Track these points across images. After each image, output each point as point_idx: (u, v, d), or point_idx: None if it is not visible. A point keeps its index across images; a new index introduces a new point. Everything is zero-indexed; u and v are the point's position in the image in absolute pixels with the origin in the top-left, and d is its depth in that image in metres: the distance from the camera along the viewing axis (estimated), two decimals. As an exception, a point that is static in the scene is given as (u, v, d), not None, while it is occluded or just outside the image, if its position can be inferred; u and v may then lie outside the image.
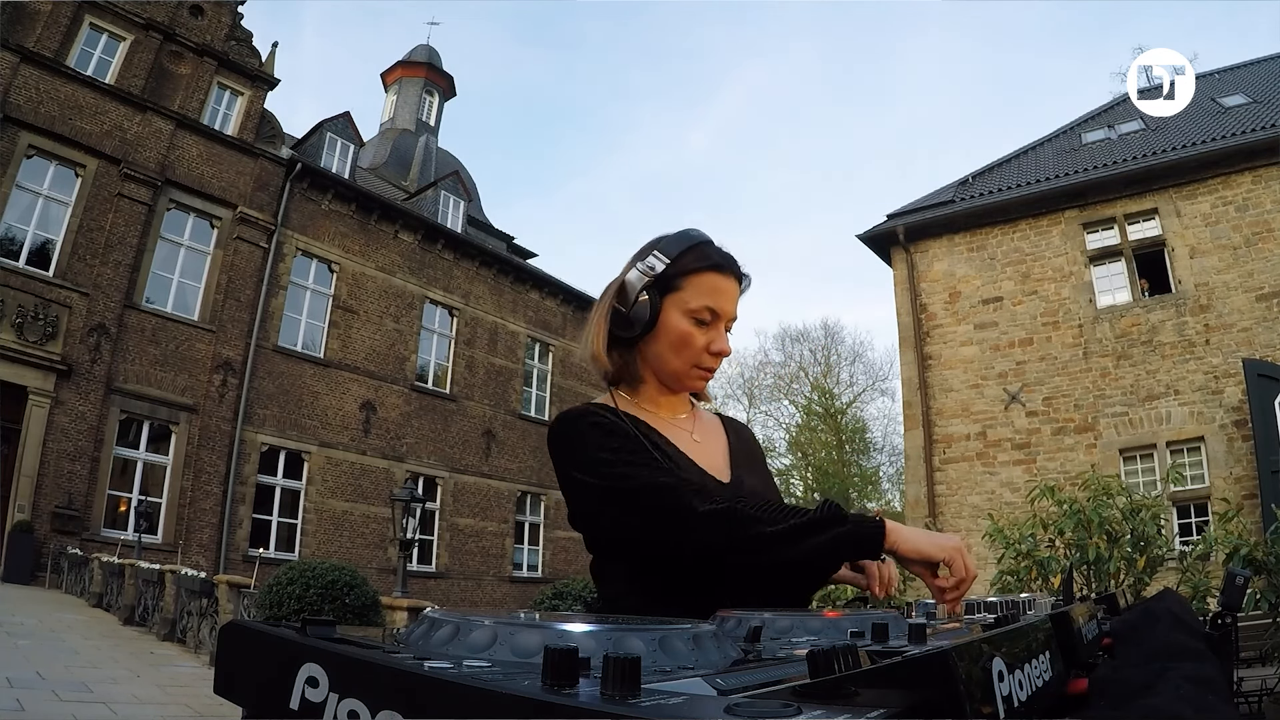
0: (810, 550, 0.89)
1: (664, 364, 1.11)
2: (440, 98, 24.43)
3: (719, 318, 1.09)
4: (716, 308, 1.08)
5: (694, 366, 1.10)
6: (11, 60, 12.08)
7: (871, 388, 29.58)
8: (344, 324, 15.94)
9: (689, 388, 1.15)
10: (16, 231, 12.17)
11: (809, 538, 0.89)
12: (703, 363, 1.10)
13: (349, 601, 5.89)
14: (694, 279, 1.08)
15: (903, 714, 0.38)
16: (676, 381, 1.13)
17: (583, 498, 1.01)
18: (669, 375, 1.12)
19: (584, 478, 0.99)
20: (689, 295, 1.08)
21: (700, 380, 1.13)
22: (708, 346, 1.09)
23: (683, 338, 1.08)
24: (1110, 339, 10.39)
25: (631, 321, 1.08)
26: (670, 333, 1.08)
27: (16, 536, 10.95)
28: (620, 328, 1.10)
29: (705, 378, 1.13)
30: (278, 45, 15.70)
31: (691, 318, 1.08)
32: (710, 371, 1.13)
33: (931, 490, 10.93)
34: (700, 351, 1.09)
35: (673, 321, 1.08)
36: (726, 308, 1.09)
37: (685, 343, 1.08)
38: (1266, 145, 9.75)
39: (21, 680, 4.81)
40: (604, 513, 0.99)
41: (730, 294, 1.10)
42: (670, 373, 1.11)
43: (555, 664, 0.36)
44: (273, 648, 0.46)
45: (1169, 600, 1.01)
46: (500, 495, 18.28)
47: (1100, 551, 4.65)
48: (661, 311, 1.07)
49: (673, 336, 1.08)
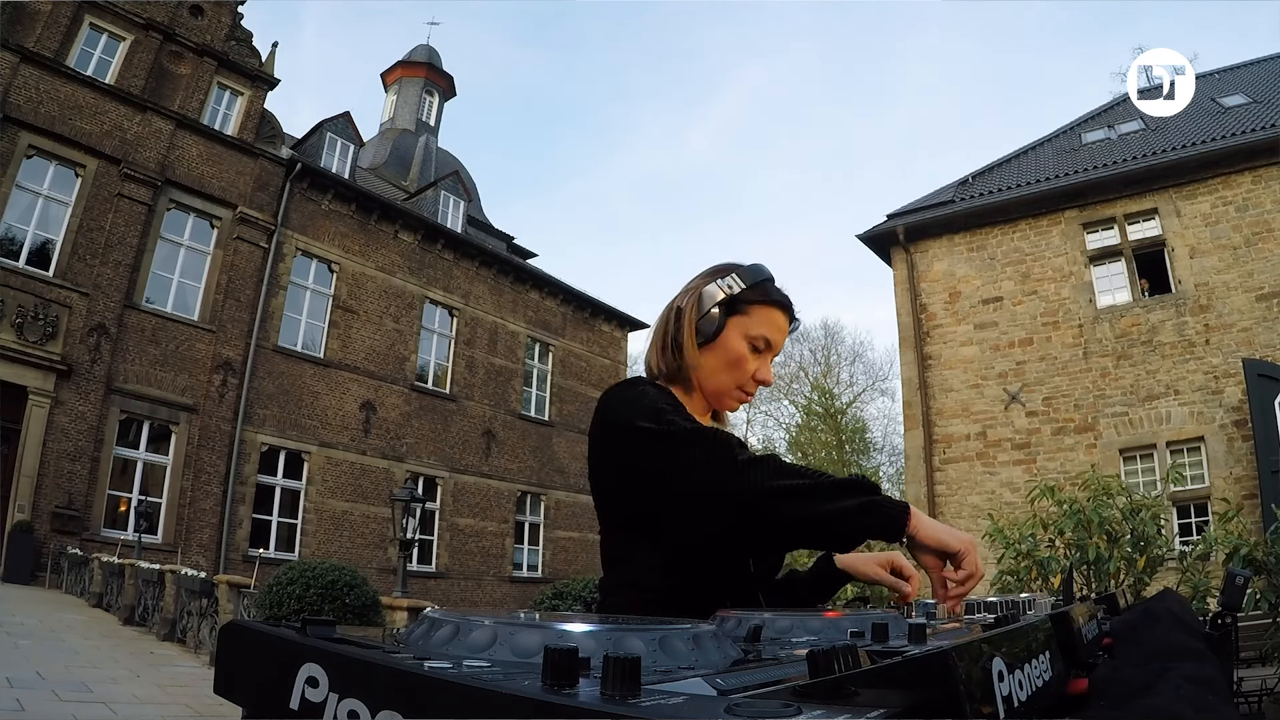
0: (840, 511, 0.90)
1: (714, 379, 1.18)
2: (440, 98, 24.43)
3: (769, 350, 1.19)
4: (772, 340, 1.18)
5: (737, 388, 1.19)
6: (11, 60, 12.08)
7: (871, 388, 29.61)
8: (344, 324, 15.94)
9: (726, 407, 1.23)
10: (16, 231, 12.17)
11: (842, 497, 0.91)
12: (746, 386, 1.19)
13: (349, 601, 5.89)
14: (760, 309, 1.17)
15: (903, 714, 0.38)
16: (718, 398, 1.20)
17: (637, 442, 1.03)
18: (714, 390, 1.19)
19: (647, 424, 1.03)
20: (752, 322, 1.17)
21: (738, 403, 1.22)
22: (754, 373, 1.18)
23: (738, 358, 1.16)
24: (1110, 339, 10.39)
25: (699, 329, 1.16)
26: (729, 351, 1.16)
27: (16, 536, 10.96)
28: (683, 334, 1.18)
29: (744, 400, 1.22)
30: (278, 45, 15.72)
31: (749, 343, 1.17)
32: (749, 397, 1.21)
33: (931, 490, 10.93)
34: (747, 376, 1.18)
35: (733, 341, 1.16)
36: (779, 342, 1.19)
37: (738, 364, 1.17)
38: (1266, 145, 9.75)
39: (21, 680, 4.81)
40: (654, 455, 1.01)
41: (784, 332, 1.20)
42: (716, 388, 1.19)
43: (555, 664, 0.36)
44: (273, 648, 0.46)
45: (1169, 600, 1.02)
46: (500, 495, 18.28)
47: (1100, 551, 4.65)
48: (725, 329, 1.16)
49: (730, 355, 1.16)
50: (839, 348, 30.01)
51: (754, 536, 0.96)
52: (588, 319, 21.46)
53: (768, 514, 0.92)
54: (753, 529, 0.95)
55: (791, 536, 0.98)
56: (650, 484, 1.01)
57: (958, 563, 0.93)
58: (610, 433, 1.09)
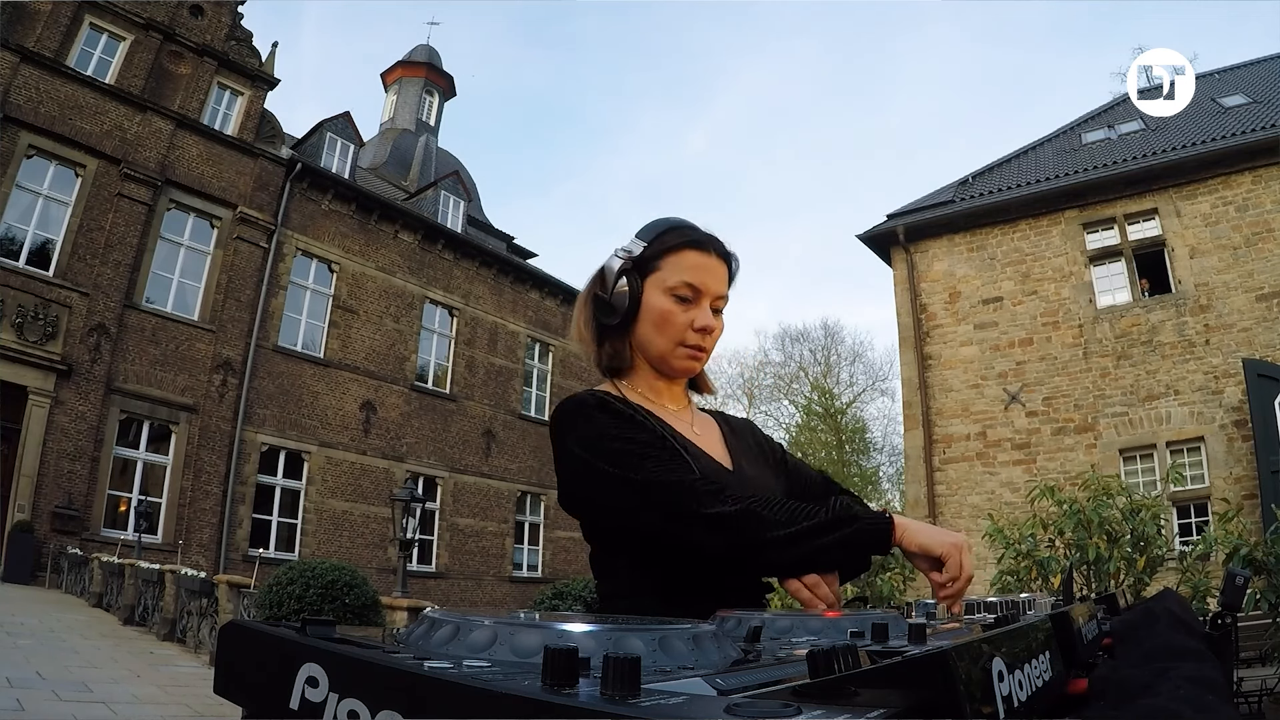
0: (817, 550, 0.90)
1: (650, 345, 1.09)
2: (440, 98, 24.44)
3: (701, 295, 1.07)
4: (697, 283, 1.06)
5: (679, 345, 1.08)
6: (11, 60, 12.08)
7: (871, 388, 29.59)
8: (344, 324, 15.94)
9: (679, 369, 1.11)
10: (16, 231, 12.17)
11: (817, 539, 0.89)
12: (688, 340, 1.08)
13: (349, 601, 5.89)
14: (672, 257, 1.07)
15: (902, 714, 0.38)
16: (664, 363, 1.10)
17: (587, 480, 0.99)
18: (655, 357, 1.10)
19: (593, 460, 0.97)
20: (667, 274, 1.06)
21: (689, 360, 1.10)
22: (691, 324, 1.07)
23: (663, 315, 1.06)
24: (1110, 339, 10.39)
25: (613, 306, 1.07)
26: (651, 312, 1.07)
27: (16, 536, 10.95)
28: (605, 315, 1.08)
29: (695, 357, 1.10)
30: (278, 45, 15.73)
31: (671, 295, 1.06)
32: (698, 350, 1.09)
33: (931, 490, 10.93)
34: (683, 329, 1.07)
35: (653, 301, 1.07)
36: (708, 283, 1.07)
37: (666, 320, 1.06)
38: (1266, 145, 9.75)
39: (21, 680, 4.81)
40: (607, 501, 0.98)
41: (712, 270, 1.08)
42: (656, 354, 1.09)
43: (555, 664, 0.36)
44: (273, 648, 0.46)
45: (1169, 600, 1.01)
46: (500, 495, 18.28)
47: (1100, 551, 4.66)
48: (643, 293, 1.07)
49: (654, 315, 1.07)
50: (839, 348, 30.02)
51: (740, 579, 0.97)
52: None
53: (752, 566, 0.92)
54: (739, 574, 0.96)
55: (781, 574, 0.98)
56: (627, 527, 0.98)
57: (947, 564, 0.93)
58: (558, 453, 1.03)
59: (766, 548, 0.89)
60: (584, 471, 0.99)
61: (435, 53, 24.50)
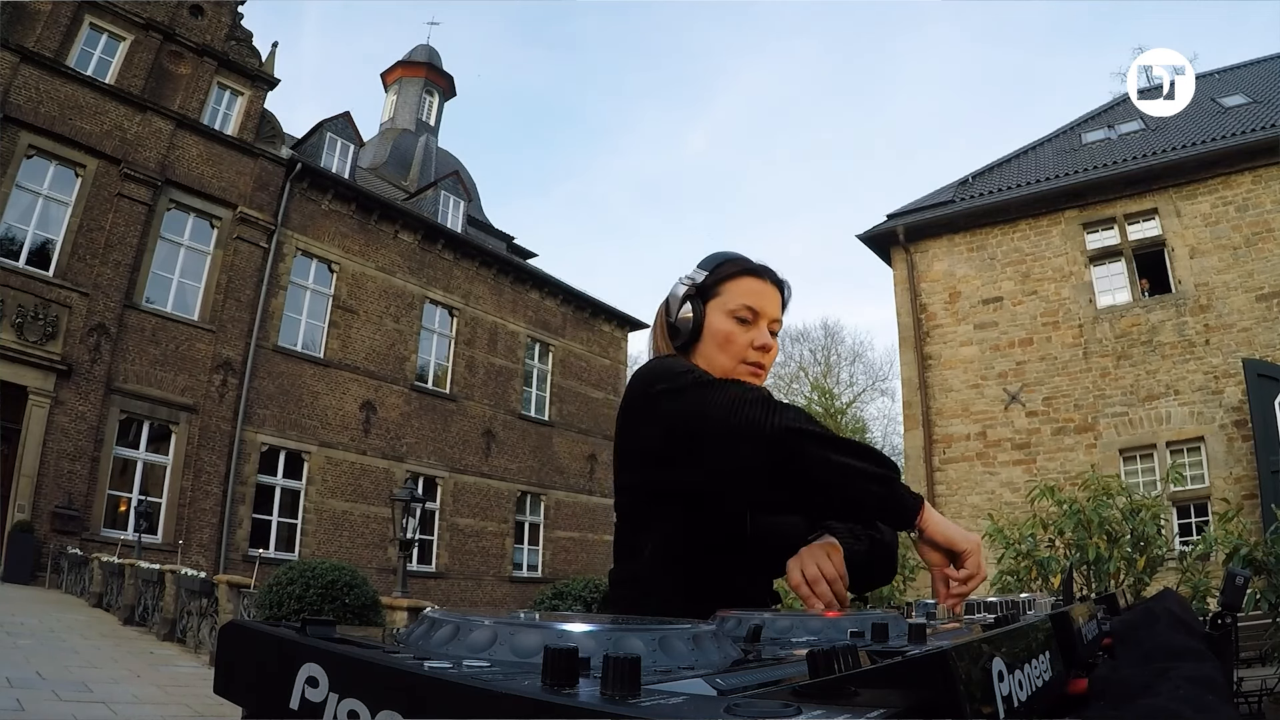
0: (860, 470, 0.89)
1: (714, 364, 1.16)
2: (440, 98, 24.44)
3: (759, 316, 1.17)
4: (755, 307, 1.16)
5: (741, 363, 1.16)
6: (11, 60, 12.08)
7: (871, 388, 29.63)
8: (344, 324, 15.94)
9: None
10: (16, 231, 12.17)
11: (866, 460, 0.90)
12: (749, 358, 1.16)
13: (349, 601, 5.89)
14: (731, 284, 1.17)
15: (903, 714, 0.38)
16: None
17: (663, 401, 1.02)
18: (719, 374, 1.15)
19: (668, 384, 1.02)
20: (728, 298, 1.16)
21: (750, 376, 1.17)
22: (751, 343, 1.16)
23: (726, 336, 1.15)
24: (1110, 339, 10.39)
25: (678, 329, 1.16)
26: (715, 334, 1.16)
27: (16, 536, 10.95)
28: (672, 337, 1.18)
29: (755, 374, 1.18)
30: (278, 45, 15.72)
31: (733, 318, 1.16)
32: (759, 368, 1.18)
33: (931, 490, 10.92)
34: (745, 348, 1.16)
35: (716, 323, 1.16)
36: (765, 307, 1.17)
37: (729, 340, 1.16)
38: (1266, 145, 9.75)
39: (21, 680, 4.81)
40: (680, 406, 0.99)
41: (767, 295, 1.18)
42: (720, 371, 1.15)
43: (555, 664, 0.36)
44: (273, 648, 0.46)
45: (1169, 600, 1.01)
46: (500, 495, 18.28)
47: (1100, 551, 4.66)
48: (705, 316, 1.16)
49: (718, 337, 1.16)
50: (839, 348, 30.06)
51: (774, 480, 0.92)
52: (588, 319, 21.46)
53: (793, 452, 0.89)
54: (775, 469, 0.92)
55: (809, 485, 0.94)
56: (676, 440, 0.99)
57: (961, 562, 0.92)
58: (635, 406, 1.08)
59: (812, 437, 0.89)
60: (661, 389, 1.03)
61: (435, 53, 24.50)
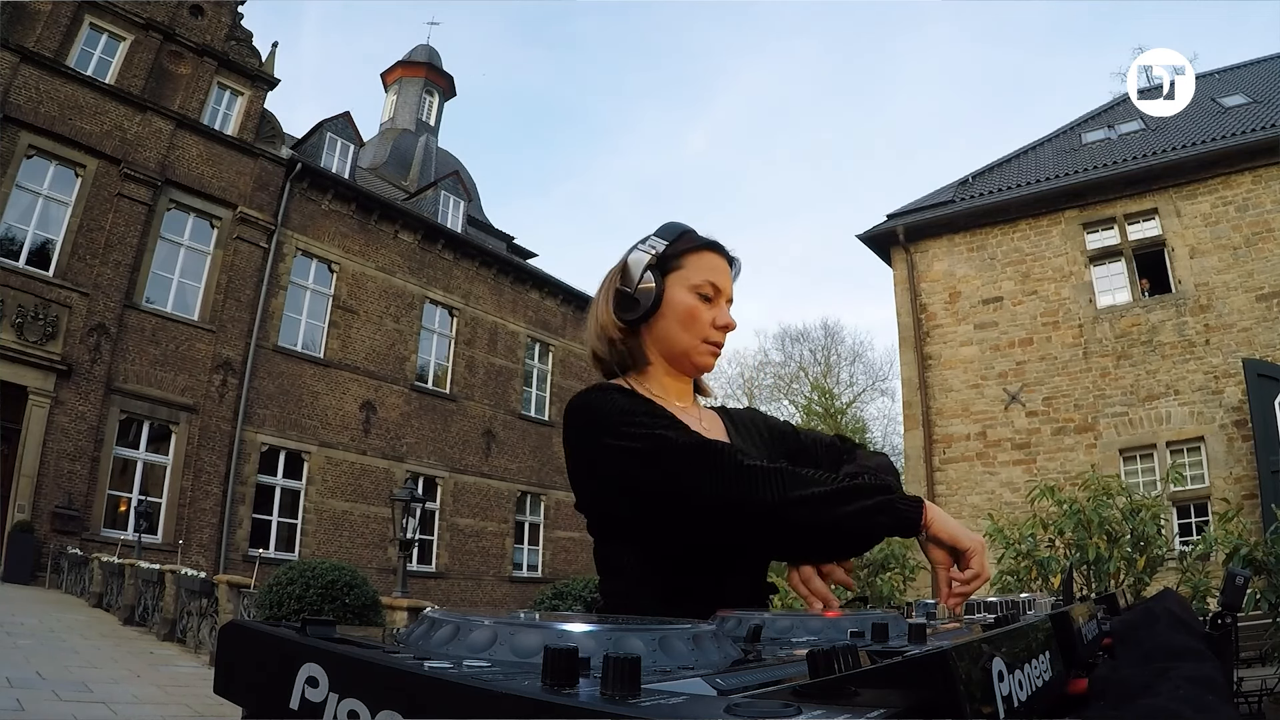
0: (855, 513, 0.89)
1: (674, 341, 1.12)
2: (440, 98, 24.44)
3: (719, 294, 1.13)
4: (717, 283, 1.12)
5: (703, 341, 1.12)
6: (11, 60, 12.08)
7: (871, 388, 29.59)
8: (344, 324, 15.94)
9: (699, 365, 1.15)
10: (16, 231, 12.17)
11: (856, 500, 0.89)
12: (710, 337, 1.12)
13: (349, 601, 5.89)
14: (693, 257, 1.12)
15: (903, 714, 0.38)
16: (686, 358, 1.13)
17: (621, 462, 0.96)
18: (679, 353, 1.13)
19: (623, 442, 0.96)
20: (690, 272, 1.11)
21: (709, 356, 1.14)
22: (713, 321, 1.12)
23: (690, 312, 1.11)
24: (1110, 339, 10.39)
25: (638, 300, 1.10)
26: (677, 309, 1.10)
27: (16, 536, 10.95)
28: (625, 310, 1.11)
29: (714, 353, 1.14)
30: (278, 45, 15.72)
31: (695, 293, 1.11)
32: (718, 347, 1.14)
33: (931, 490, 10.92)
34: (707, 325, 1.12)
35: (679, 297, 1.11)
36: (725, 284, 1.13)
37: (693, 316, 1.11)
38: (1266, 145, 9.75)
39: (21, 680, 4.81)
40: (647, 476, 0.94)
41: (726, 272, 1.14)
42: (681, 350, 1.12)
43: (555, 664, 0.36)
44: (273, 648, 0.46)
45: (1169, 600, 1.01)
46: (500, 495, 18.28)
47: (1100, 551, 4.66)
48: (665, 290, 1.10)
49: (680, 312, 1.11)
50: (839, 348, 30.02)
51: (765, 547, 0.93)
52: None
53: (781, 524, 0.89)
54: (764, 540, 0.93)
55: (805, 544, 0.95)
56: (645, 502, 0.95)
57: (965, 562, 0.92)
58: (588, 449, 1.01)
59: (798, 504, 0.88)
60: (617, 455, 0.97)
61: (435, 53, 24.51)
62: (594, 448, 1.00)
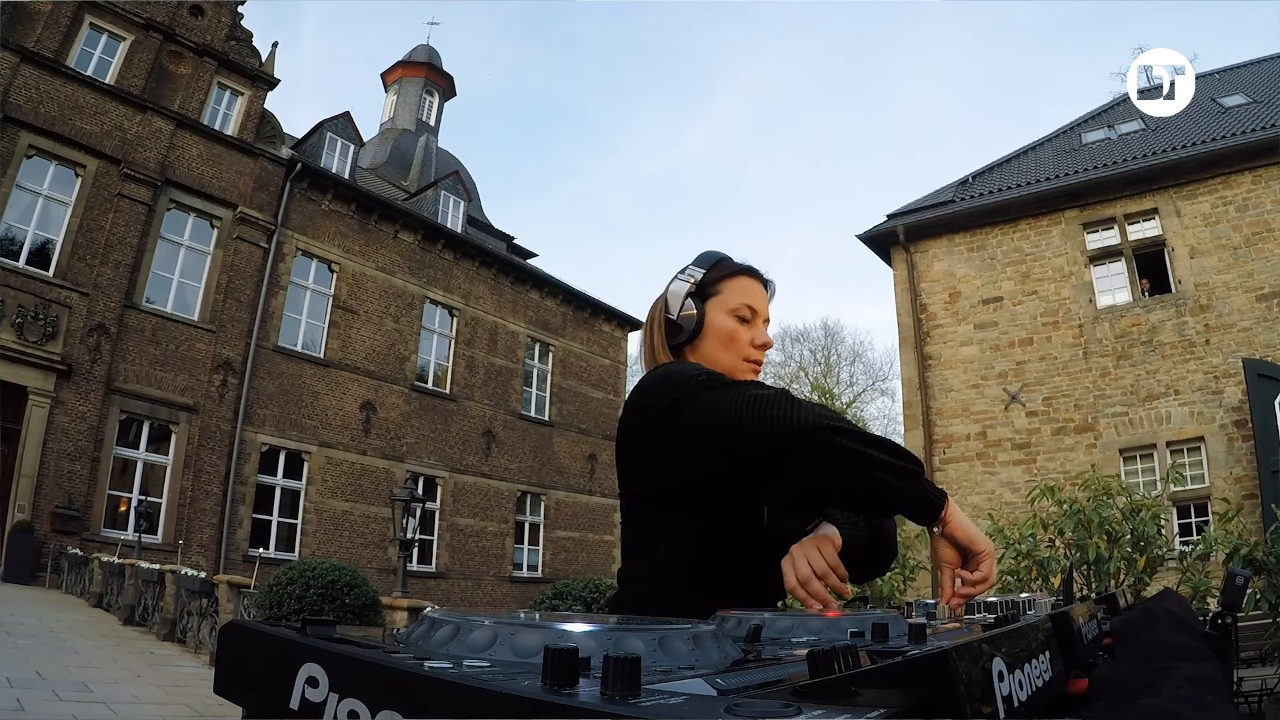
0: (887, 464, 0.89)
1: (716, 361, 1.18)
2: (440, 98, 24.43)
3: (756, 315, 1.21)
4: (754, 305, 1.20)
5: (743, 360, 1.20)
6: (11, 60, 12.07)
7: (871, 388, 29.62)
8: (344, 324, 15.94)
9: None
10: (16, 231, 12.16)
11: (893, 455, 0.89)
12: (750, 355, 1.20)
13: (349, 601, 5.89)
14: (730, 282, 1.20)
15: (903, 714, 0.38)
16: (729, 376, 1.14)
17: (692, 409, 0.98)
18: (722, 371, 1.15)
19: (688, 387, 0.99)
20: (728, 296, 1.20)
21: (750, 373, 1.21)
22: (752, 340, 1.20)
23: (730, 334, 1.19)
24: (1110, 339, 10.39)
25: (681, 326, 1.18)
26: (718, 332, 1.19)
27: (16, 536, 10.95)
28: (671, 336, 1.20)
29: (754, 370, 1.21)
30: (278, 45, 15.71)
31: (734, 316, 1.19)
32: (758, 365, 1.21)
33: (931, 490, 10.92)
34: (746, 345, 1.19)
35: (718, 321, 1.19)
36: (761, 306, 1.21)
37: (733, 338, 1.19)
38: (1266, 145, 9.75)
39: (21, 680, 4.81)
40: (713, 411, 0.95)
41: (761, 295, 1.22)
42: (723, 369, 1.16)
43: (555, 664, 0.36)
44: (273, 648, 0.46)
45: (1169, 600, 1.02)
46: (500, 495, 18.28)
47: (1100, 551, 4.66)
48: (706, 314, 1.19)
49: (721, 335, 1.19)
50: (839, 348, 30.06)
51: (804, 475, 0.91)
52: (588, 319, 21.46)
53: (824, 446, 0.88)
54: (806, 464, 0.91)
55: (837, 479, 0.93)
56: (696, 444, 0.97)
57: (976, 564, 0.92)
58: (645, 415, 1.04)
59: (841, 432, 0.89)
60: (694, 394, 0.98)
61: (435, 53, 24.49)
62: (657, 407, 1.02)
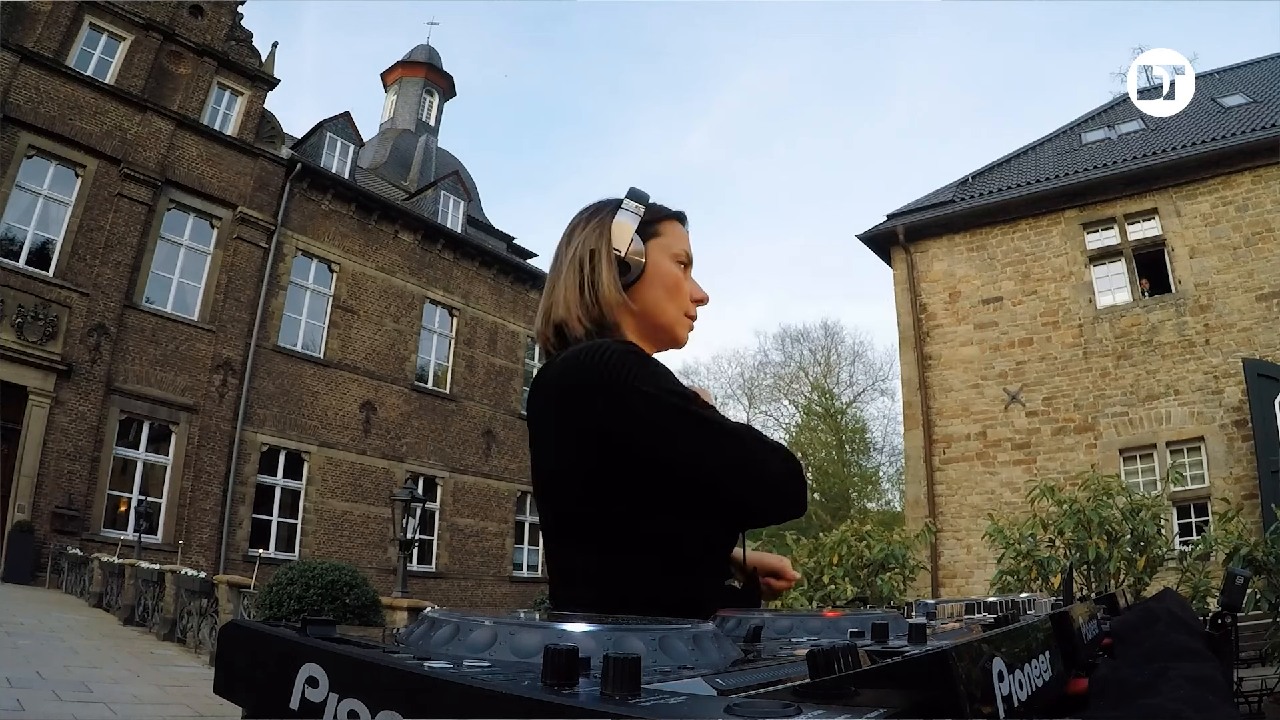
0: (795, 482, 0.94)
1: (660, 312, 1.03)
2: (440, 98, 24.42)
3: (689, 265, 1.07)
4: (690, 253, 1.07)
5: (684, 315, 1.06)
6: (11, 60, 12.07)
7: (871, 388, 29.58)
8: (344, 324, 15.94)
9: (679, 339, 1.07)
10: (16, 231, 12.16)
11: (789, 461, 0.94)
12: (690, 310, 1.06)
13: (349, 601, 5.88)
14: (669, 224, 1.06)
15: (903, 714, 0.38)
16: (669, 331, 1.05)
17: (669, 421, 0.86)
18: (663, 324, 1.04)
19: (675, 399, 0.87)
20: (670, 240, 1.05)
21: (687, 330, 1.07)
22: (691, 293, 1.06)
23: (676, 281, 1.04)
24: (1110, 339, 10.38)
25: (629, 266, 1.00)
26: (665, 277, 1.03)
27: (16, 536, 10.95)
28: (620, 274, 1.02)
29: (691, 327, 1.08)
30: (278, 45, 15.73)
31: (675, 262, 1.05)
32: (694, 320, 1.08)
33: (931, 490, 10.93)
34: (688, 298, 1.06)
35: (664, 265, 1.03)
36: (692, 255, 1.08)
37: (678, 286, 1.04)
38: (1266, 145, 9.75)
39: (21, 680, 4.81)
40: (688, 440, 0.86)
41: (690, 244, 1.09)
42: (666, 321, 1.04)
43: (555, 664, 0.36)
44: (273, 648, 0.46)
45: (1169, 600, 1.02)
46: (500, 495, 18.28)
47: (1100, 551, 4.66)
48: (649, 255, 1.02)
49: (667, 281, 1.03)
50: (839, 348, 30.02)
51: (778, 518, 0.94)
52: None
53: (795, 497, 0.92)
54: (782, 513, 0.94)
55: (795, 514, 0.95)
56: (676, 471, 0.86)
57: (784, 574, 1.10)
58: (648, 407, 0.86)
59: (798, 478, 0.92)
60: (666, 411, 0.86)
61: (435, 53, 24.48)
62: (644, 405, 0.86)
